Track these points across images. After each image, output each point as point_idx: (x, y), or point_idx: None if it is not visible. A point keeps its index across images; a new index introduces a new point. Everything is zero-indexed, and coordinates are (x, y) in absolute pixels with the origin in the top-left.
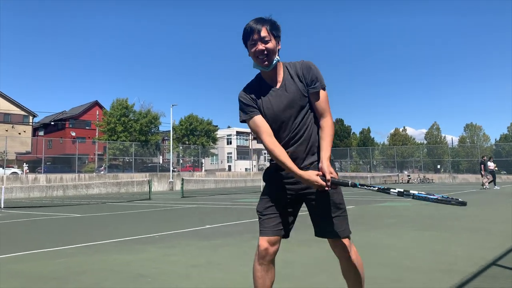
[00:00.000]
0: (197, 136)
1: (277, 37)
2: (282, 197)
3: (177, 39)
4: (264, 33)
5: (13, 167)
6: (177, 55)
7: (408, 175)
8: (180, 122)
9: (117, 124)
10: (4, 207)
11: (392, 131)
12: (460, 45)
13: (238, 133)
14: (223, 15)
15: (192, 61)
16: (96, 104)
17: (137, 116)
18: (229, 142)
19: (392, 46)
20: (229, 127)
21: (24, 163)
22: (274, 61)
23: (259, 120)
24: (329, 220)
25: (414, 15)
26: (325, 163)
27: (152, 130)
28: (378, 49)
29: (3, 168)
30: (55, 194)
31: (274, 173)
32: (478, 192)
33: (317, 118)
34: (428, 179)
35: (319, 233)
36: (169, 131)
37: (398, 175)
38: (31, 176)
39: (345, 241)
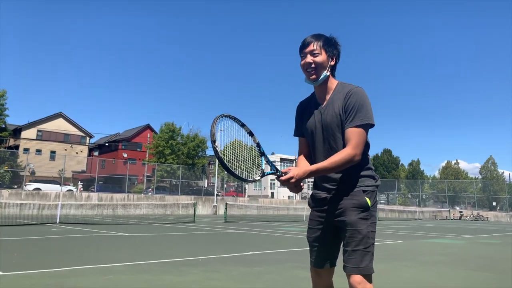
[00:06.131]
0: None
1: (329, 53)
2: (321, 225)
3: (226, 66)
4: (314, 46)
5: (69, 185)
6: (227, 82)
7: (461, 211)
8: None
9: (165, 147)
10: (59, 222)
11: (443, 163)
12: None
13: (282, 159)
14: (274, 39)
15: (240, 87)
16: (148, 127)
17: (185, 140)
18: None
19: (444, 76)
20: (273, 153)
21: (79, 181)
22: (322, 76)
23: (300, 141)
24: (349, 252)
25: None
26: (302, 169)
27: (199, 154)
28: (430, 79)
29: (60, 185)
30: (105, 213)
31: (313, 200)
32: None
33: None
34: (483, 216)
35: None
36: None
37: (449, 210)
38: (84, 194)
39: (360, 278)
